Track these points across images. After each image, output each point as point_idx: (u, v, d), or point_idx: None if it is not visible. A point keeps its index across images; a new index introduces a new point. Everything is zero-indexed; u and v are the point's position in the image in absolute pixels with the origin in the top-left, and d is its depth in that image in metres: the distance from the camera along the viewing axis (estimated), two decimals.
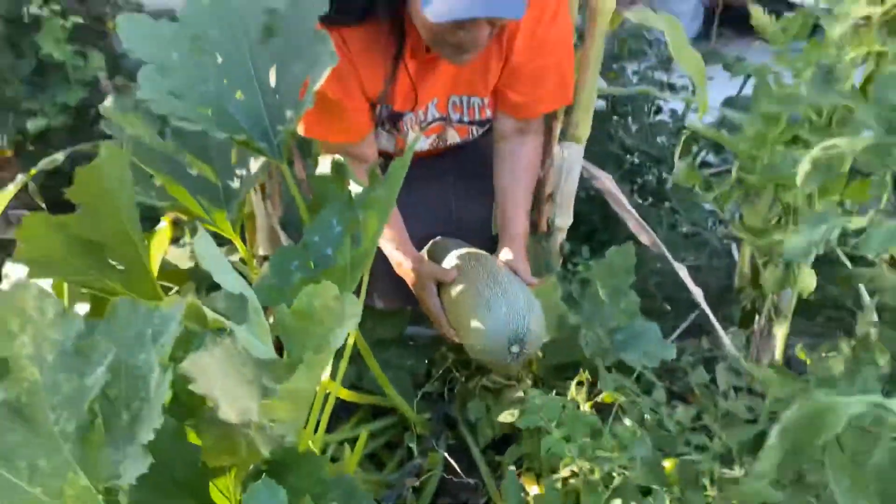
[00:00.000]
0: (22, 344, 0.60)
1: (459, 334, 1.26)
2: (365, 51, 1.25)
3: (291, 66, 1.07)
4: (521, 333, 1.15)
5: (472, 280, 1.23)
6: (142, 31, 1.03)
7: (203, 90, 1.05)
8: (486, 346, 1.17)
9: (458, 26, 1.08)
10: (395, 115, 1.34)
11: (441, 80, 1.32)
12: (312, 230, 1.09)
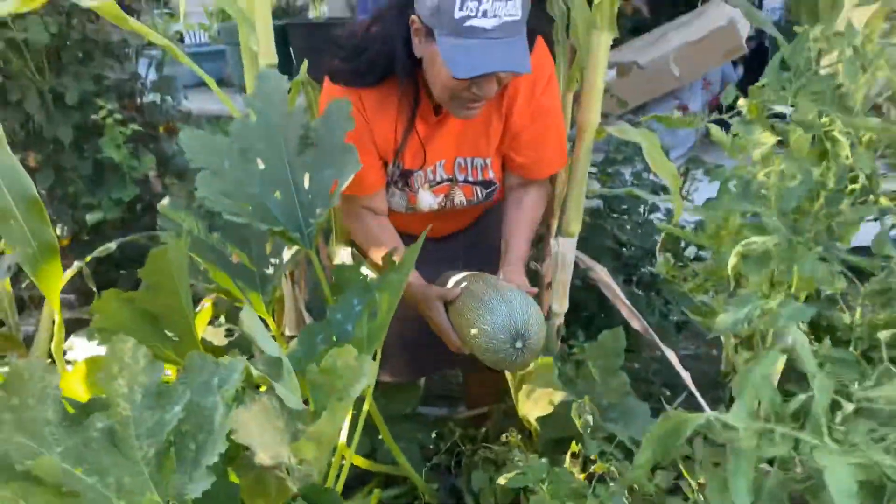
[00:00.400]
0: (119, 385, 0.77)
1: (467, 341, 1.35)
2: (380, 111, 1.39)
3: (322, 171, 1.27)
4: (522, 329, 1.27)
5: (474, 291, 1.35)
6: (200, 143, 1.24)
7: (248, 191, 1.25)
8: (492, 344, 1.28)
9: (473, 82, 1.22)
10: (405, 173, 1.47)
11: (447, 142, 1.45)
12: (336, 309, 1.27)
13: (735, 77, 5.32)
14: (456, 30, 1.17)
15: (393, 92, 1.38)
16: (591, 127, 1.46)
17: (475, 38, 1.16)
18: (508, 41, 1.19)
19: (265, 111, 1.30)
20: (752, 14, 1.48)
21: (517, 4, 1.17)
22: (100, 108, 1.92)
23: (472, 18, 1.15)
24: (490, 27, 1.16)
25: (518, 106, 1.41)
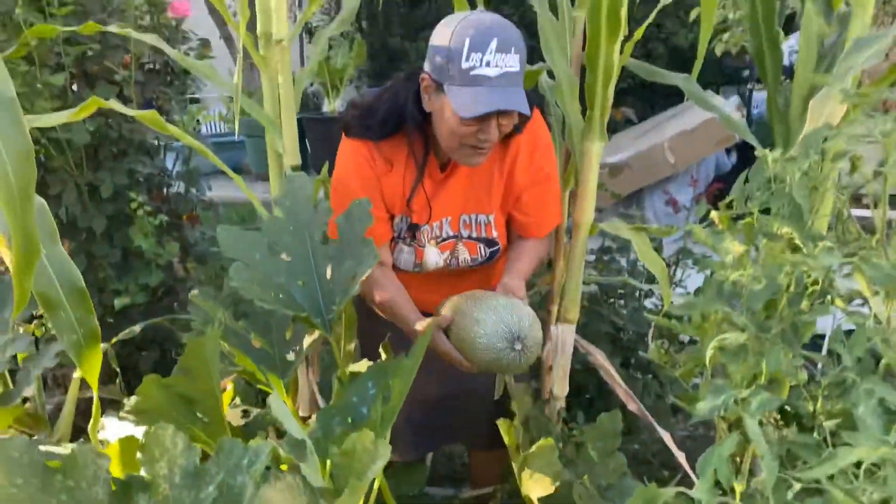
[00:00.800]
0: (160, 467, 0.87)
1: (474, 360, 1.41)
2: (389, 164, 1.53)
3: (343, 262, 1.40)
4: (515, 331, 1.34)
5: (464, 311, 1.42)
6: (234, 238, 1.38)
7: (276, 280, 1.38)
8: (495, 354, 1.35)
9: (479, 127, 1.37)
10: (413, 227, 1.59)
11: (452, 199, 1.57)
12: (351, 392, 1.37)
13: (729, 164, 5.54)
14: (463, 79, 1.33)
15: (402, 147, 1.53)
16: (586, 224, 1.59)
17: (480, 85, 1.33)
18: (509, 89, 1.34)
19: (292, 209, 1.45)
20: (729, 122, 1.64)
21: (516, 59, 1.34)
22: (131, 201, 2.06)
23: (477, 68, 1.32)
24: (493, 76, 1.32)
25: (519, 166, 1.56)
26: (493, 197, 1.58)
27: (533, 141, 1.56)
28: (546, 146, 1.59)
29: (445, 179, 1.58)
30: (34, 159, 0.96)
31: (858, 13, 1.42)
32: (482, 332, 1.36)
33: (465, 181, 1.57)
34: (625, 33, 1.47)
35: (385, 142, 1.53)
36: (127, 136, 2.08)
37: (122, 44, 2.06)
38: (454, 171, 1.57)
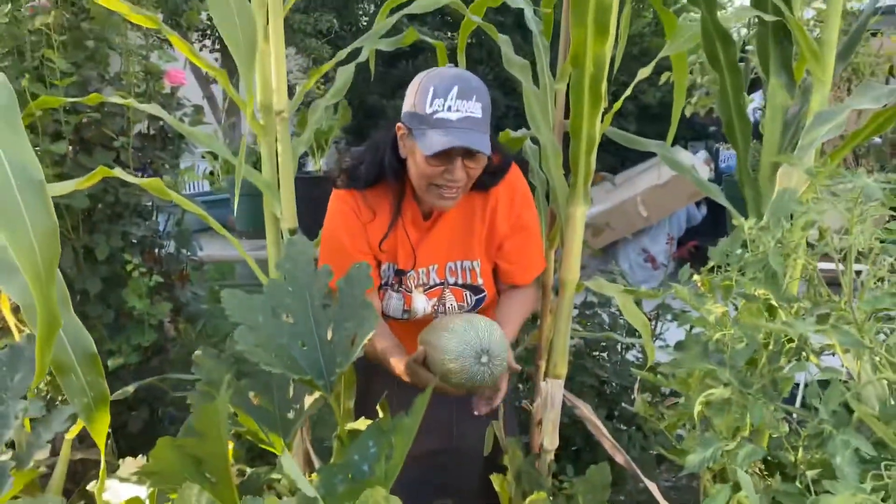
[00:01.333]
0: None
1: (451, 382, 1.45)
2: (372, 213, 1.65)
3: (344, 325, 1.46)
4: (477, 346, 1.40)
5: (429, 341, 1.49)
6: (238, 302, 1.43)
7: (279, 342, 1.43)
8: (465, 371, 1.40)
9: (445, 168, 1.48)
10: (399, 272, 1.68)
11: (437, 247, 1.65)
12: (353, 450, 1.41)
13: (699, 216, 5.72)
14: (428, 123, 1.47)
15: (386, 195, 1.65)
16: (572, 282, 1.68)
17: (443, 127, 1.45)
18: (470, 131, 1.46)
19: (293, 272, 1.51)
20: (703, 186, 1.74)
21: (478, 106, 1.47)
22: (127, 262, 2.11)
23: (439, 112, 1.46)
24: (455, 119, 1.46)
25: (500, 215, 1.66)
26: (476, 243, 1.67)
27: (511, 192, 1.67)
28: (524, 196, 1.70)
29: (430, 228, 1.67)
30: (59, 236, 1.02)
31: (818, 87, 1.55)
32: (448, 357, 1.42)
33: (449, 230, 1.66)
34: (605, 105, 1.58)
35: (370, 191, 1.65)
36: (122, 200, 2.13)
37: (120, 111, 2.13)
38: (438, 220, 1.67)
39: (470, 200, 1.68)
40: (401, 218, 1.67)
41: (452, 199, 1.57)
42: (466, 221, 1.66)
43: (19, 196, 0.92)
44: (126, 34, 2.20)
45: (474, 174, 1.55)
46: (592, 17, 1.36)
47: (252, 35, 1.31)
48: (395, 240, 1.68)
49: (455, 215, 1.68)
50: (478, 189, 1.64)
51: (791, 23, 1.53)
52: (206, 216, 1.69)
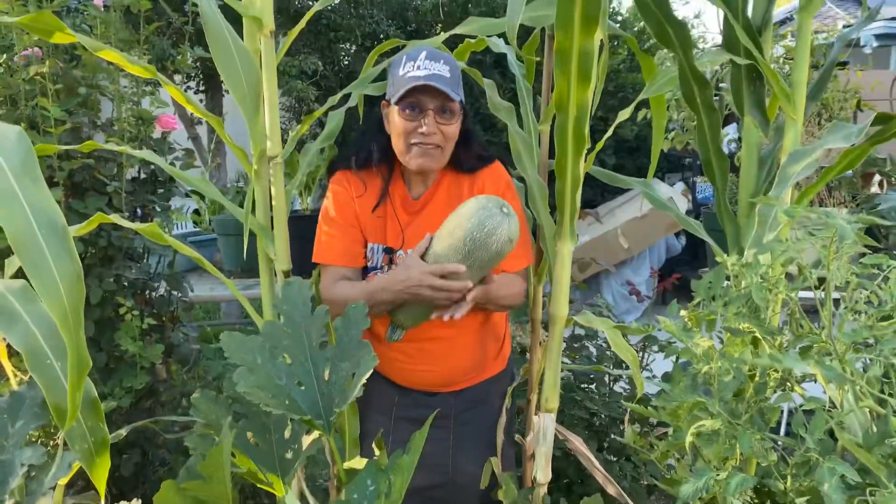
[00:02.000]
0: None
1: (462, 249, 1.52)
2: (363, 186, 1.75)
3: (341, 365, 1.49)
4: (495, 201, 1.50)
5: (438, 233, 1.59)
6: (237, 344, 1.46)
7: (277, 383, 1.46)
8: (479, 220, 1.48)
9: (420, 121, 1.61)
10: (388, 250, 1.75)
11: (427, 230, 1.67)
12: (351, 489, 1.43)
13: (679, 246, 5.82)
14: (400, 83, 1.60)
15: (378, 177, 1.76)
16: (562, 318, 1.72)
17: (412, 82, 1.58)
18: (437, 82, 1.57)
19: (290, 313, 1.54)
20: (686, 223, 1.81)
21: (445, 68, 1.61)
22: (120, 305, 2.12)
23: (409, 73, 1.60)
24: (422, 75, 1.58)
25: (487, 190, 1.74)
26: None
27: (497, 177, 1.79)
28: (509, 184, 1.81)
29: (419, 211, 1.76)
30: (83, 280, 1.05)
31: (790, 125, 1.63)
32: (468, 212, 1.50)
33: (438, 213, 1.72)
34: (588, 146, 1.64)
35: (363, 171, 1.78)
36: (115, 244, 2.15)
37: (112, 156, 2.17)
38: (427, 203, 1.76)
39: (457, 182, 1.77)
40: (389, 199, 1.76)
41: (432, 157, 1.66)
42: (454, 204, 1.72)
43: (44, 243, 0.95)
44: (118, 80, 2.24)
45: (449, 133, 1.66)
46: (576, 65, 1.43)
47: (256, 85, 1.36)
48: (385, 219, 1.76)
49: (443, 198, 1.76)
50: (465, 171, 1.76)
51: (762, 66, 1.61)
52: (201, 259, 1.72)
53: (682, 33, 1.52)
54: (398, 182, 1.79)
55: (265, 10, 1.66)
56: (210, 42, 1.32)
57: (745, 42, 1.59)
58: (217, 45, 1.33)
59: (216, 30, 1.33)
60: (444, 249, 1.55)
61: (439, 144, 1.66)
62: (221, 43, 1.33)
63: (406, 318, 1.71)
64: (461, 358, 1.82)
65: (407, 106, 1.63)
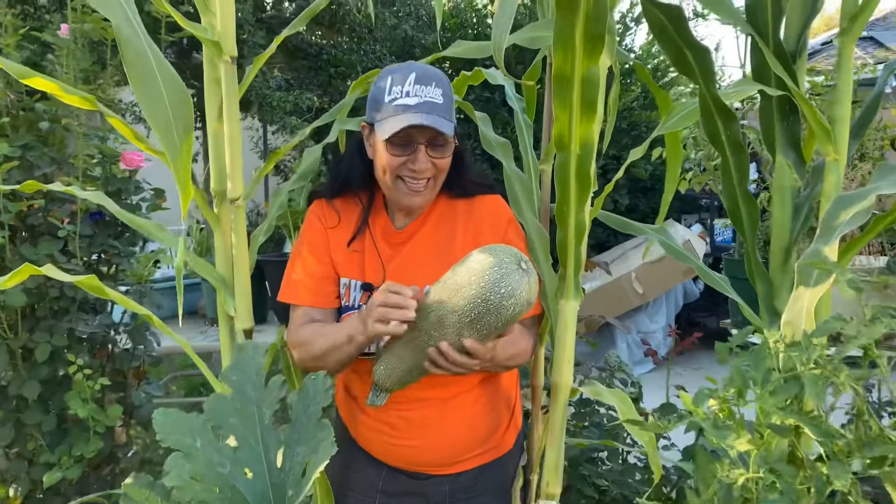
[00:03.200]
0: None
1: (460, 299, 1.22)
2: (337, 217, 1.54)
3: (296, 449, 1.24)
4: (513, 253, 1.20)
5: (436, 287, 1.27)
6: (173, 424, 1.22)
7: (219, 471, 1.21)
8: (494, 277, 1.17)
9: (408, 157, 1.39)
10: (366, 286, 1.49)
11: (413, 266, 1.47)
12: None
13: (697, 292, 5.54)
14: (387, 111, 1.38)
15: (356, 205, 1.55)
16: (565, 388, 1.47)
17: (402, 113, 1.36)
18: (429, 115, 1.36)
19: (241, 385, 1.30)
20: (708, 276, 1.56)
21: (438, 92, 1.39)
22: (70, 364, 1.90)
23: (398, 99, 1.37)
24: (413, 104, 1.37)
25: (487, 224, 1.51)
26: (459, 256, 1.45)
27: (497, 206, 1.54)
28: (511, 221, 1.55)
29: (403, 243, 1.51)
30: None
31: (832, 167, 1.39)
32: (481, 266, 1.19)
33: (426, 247, 1.50)
34: (595, 188, 1.41)
35: (340, 199, 1.57)
36: (68, 294, 1.94)
37: (69, 197, 1.96)
38: (413, 237, 1.51)
39: (451, 210, 1.53)
40: (368, 229, 1.53)
41: (421, 195, 1.45)
42: (447, 234, 1.51)
43: None
44: (81, 115, 2.05)
45: (442, 166, 1.45)
46: (578, 95, 1.21)
47: (186, 113, 1.14)
48: (363, 253, 1.52)
49: (433, 228, 1.52)
50: (460, 196, 1.54)
51: (798, 98, 1.38)
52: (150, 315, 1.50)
53: (704, 60, 1.30)
54: (380, 211, 1.55)
55: (226, 35, 1.46)
56: (125, 58, 1.10)
57: (778, 70, 1.37)
58: (133, 62, 1.11)
59: (131, 42, 1.11)
60: (446, 311, 1.24)
61: (431, 180, 1.45)
62: (138, 59, 1.11)
63: (388, 375, 1.37)
64: (458, 429, 1.51)
65: (395, 143, 1.40)
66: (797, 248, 1.50)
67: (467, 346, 1.24)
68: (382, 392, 1.40)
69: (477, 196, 1.55)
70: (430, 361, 1.28)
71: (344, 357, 1.41)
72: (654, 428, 0.95)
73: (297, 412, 1.27)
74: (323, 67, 5.63)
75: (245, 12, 4.67)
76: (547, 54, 1.63)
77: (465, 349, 1.25)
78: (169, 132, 1.12)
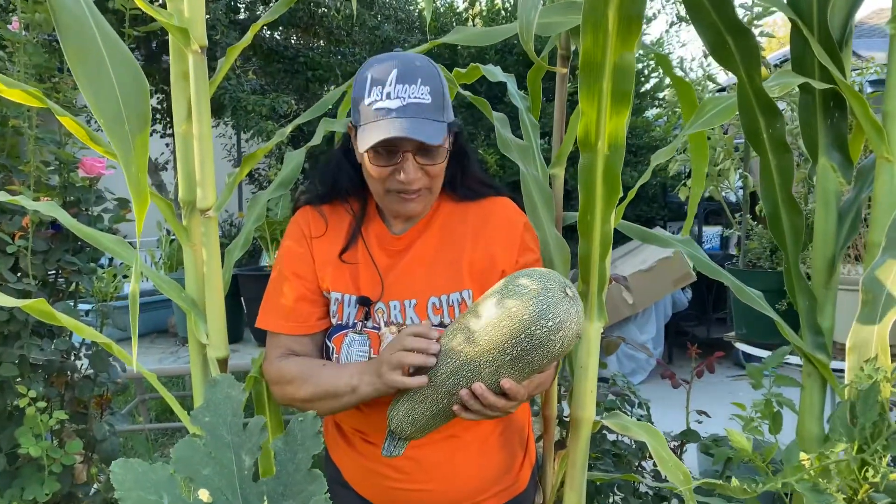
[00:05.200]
0: None
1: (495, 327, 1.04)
2: (324, 226, 1.37)
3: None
4: (567, 282, 1.03)
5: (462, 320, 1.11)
6: (134, 478, 1.02)
7: None
8: (539, 308, 0.99)
9: (395, 168, 1.22)
10: (363, 301, 1.30)
11: (415, 277, 1.31)
12: None
13: (686, 301, 5.41)
14: (367, 116, 1.21)
15: (347, 211, 1.38)
16: (588, 422, 1.29)
17: (383, 118, 1.19)
18: (413, 119, 1.19)
19: (215, 428, 1.11)
20: (741, 293, 1.40)
21: (425, 90, 1.20)
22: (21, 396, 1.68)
23: (377, 102, 1.20)
24: (395, 107, 1.19)
25: (498, 227, 1.33)
26: (466, 265, 1.32)
27: (511, 217, 1.36)
28: (528, 226, 1.37)
29: (402, 251, 1.33)
30: None
31: (884, 168, 1.24)
32: (519, 300, 1.01)
33: (430, 254, 1.32)
34: (620, 194, 1.24)
35: (328, 206, 1.41)
36: (19, 317, 1.72)
37: (20, 209, 1.75)
38: (414, 243, 1.33)
39: (460, 212, 1.36)
40: (362, 238, 1.34)
41: (416, 202, 1.29)
42: (453, 240, 1.33)
43: None
44: (33, 117, 1.84)
45: (435, 173, 1.28)
46: (609, 85, 1.04)
47: (141, 99, 0.95)
48: (357, 264, 1.33)
49: (437, 233, 1.34)
50: (467, 198, 1.37)
51: (846, 91, 1.23)
52: (109, 344, 1.30)
53: (748, 46, 1.13)
54: (373, 217, 1.37)
55: (194, 21, 1.27)
56: (57, 24, 0.89)
57: (824, 60, 1.21)
58: (68, 28, 0.89)
59: (71, 11, 0.90)
60: (480, 349, 1.06)
61: (424, 187, 1.27)
62: (75, 25, 0.90)
63: (409, 423, 1.16)
64: (472, 468, 1.33)
65: (378, 152, 1.22)
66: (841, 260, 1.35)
67: (505, 388, 1.07)
68: (401, 441, 1.21)
69: (485, 198, 1.38)
70: (460, 405, 1.10)
71: (340, 407, 1.24)
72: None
73: (282, 460, 1.07)
74: (300, 71, 5.41)
75: (218, 12, 4.45)
76: (557, 44, 1.46)
77: (503, 390, 1.07)
78: (118, 123, 0.92)
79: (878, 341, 1.05)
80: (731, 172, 3.20)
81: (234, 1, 5.11)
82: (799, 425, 1.34)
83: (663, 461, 1.22)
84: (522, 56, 5.61)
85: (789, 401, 1.38)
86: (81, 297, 2.07)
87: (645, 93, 6.56)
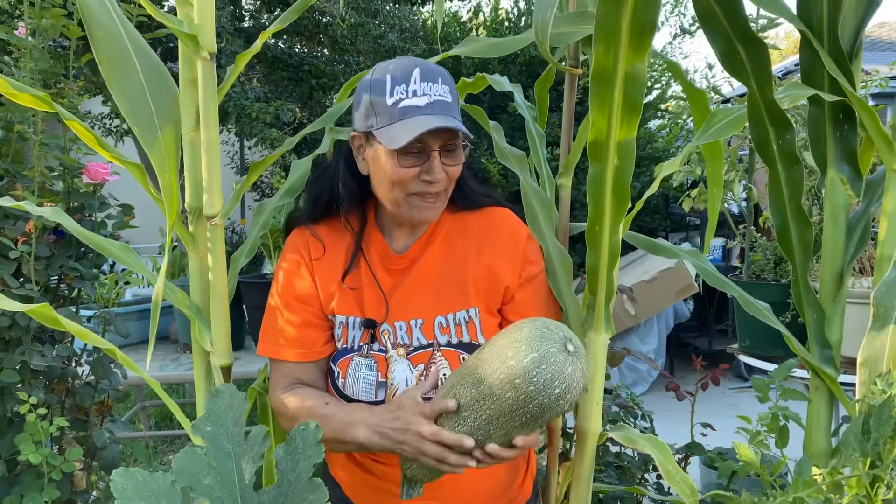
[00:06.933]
0: None
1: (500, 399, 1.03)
2: (322, 248, 1.34)
3: None
4: (566, 333, 1.01)
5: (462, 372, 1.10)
6: (134, 487, 1.01)
7: None
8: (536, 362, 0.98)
9: (422, 168, 1.19)
10: (368, 323, 1.28)
11: (420, 296, 1.29)
12: None
13: (687, 312, 5.40)
14: (392, 115, 1.18)
15: (344, 231, 1.35)
16: (594, 434, 1.28)
17: (411, 116, 1.17)
18: (442, 116, 1.17)
19: (216, 438, 1.09)
20: (748, 305, 1.39)
21: (445, 89, 1.20)
22: (21, 402, 1.67)
23: (404, 100, 1.17)
24: (423, 104, 1.17)
25: (501, 240, 1.32)
26: (471, 282, 1.30)
27: (514, 228, 1.35)
28: (531, 237, 1.36)
29: (406, 270, 1.31)
30: None
31: (894, 181, 1.23)
32: (517, 352, 1.00)
33: (435, 272, 1.30)
34: (629, 205, 1.23)
35: (323, 224, 1.37)
36: (20, 323, 1.71)
37: (23, 214, 1.75)
38: (417, 260, 1.31)
39: (462, 225, 1.34)
40: (364, 258, 1.32)
41: (436, 209, 1.26)
42: (457, 255, 1.31)
43: None
44: (38, 122, 1.84)
45: (454, 174, 1.26)
46: (620, 95, 1.03)
47: (171, 103, 0.94)
48: (361, 287, 1.31)
49: (440, 249, 1.32)
50: (466, 208, 1.36)
51: (856, 104, 1.22)
52: (113, 350, 1.28)
53: (759, 56, 1.13)
54: (373, 233, 1.35)
55: (204, 28, 1.27)
56: (92, 37, 0.89)
57: (834, 72, 1.21)
58: (102, 41, 0.90)
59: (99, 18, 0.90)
60: (490, 416, 1.06)
61: (443, 190, 1.26)
62: (108, 38, 0.91)
63: (423, 473, 1.19)
64: (477, 480, 1.31)
65: (407, 152, 1.19)
66: None
67: (519, 445, 1.08)
68: (418, 483, 1.22)
69: (485, 208, 1.37)
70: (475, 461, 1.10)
71: (344, 450, 1.24)
72: None
73: (283, 469, 1.06)
74: (304, 79, 5.42)
75: (223, 20, 4.46)
76: (566, 53, 1.46)
77: (516, 444, 1.08)
78: (150, 126, 0.91)
79: (890, 355, 1.04)
80: (735, 184, 3.20)
81: (239, 8, 5.12)
82: (806, 439, 1.33)
83: (670, 475, 1.21)
84: (526, 66, 5.63)
85: (796, 415, 1.36)
86: (83, 303, 2.06)
87: (648, 104, 6.57)
